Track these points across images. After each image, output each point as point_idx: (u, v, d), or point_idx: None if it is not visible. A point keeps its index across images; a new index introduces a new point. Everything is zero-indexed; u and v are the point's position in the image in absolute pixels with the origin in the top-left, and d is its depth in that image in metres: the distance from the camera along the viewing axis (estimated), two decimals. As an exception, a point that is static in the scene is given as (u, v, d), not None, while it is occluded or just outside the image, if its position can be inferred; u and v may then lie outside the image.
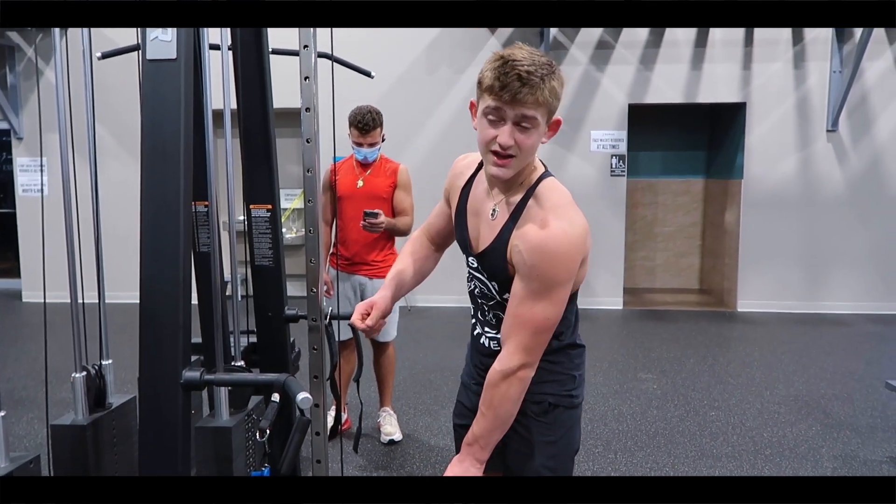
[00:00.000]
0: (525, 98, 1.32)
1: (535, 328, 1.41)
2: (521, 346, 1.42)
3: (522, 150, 1.38)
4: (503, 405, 1.45)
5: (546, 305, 1.40)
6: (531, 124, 1.36)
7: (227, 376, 1.55)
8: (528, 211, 1.44)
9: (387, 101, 6.70)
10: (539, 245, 1.38)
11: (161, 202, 1.42)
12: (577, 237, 1.40)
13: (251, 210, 2.11)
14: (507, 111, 1.35)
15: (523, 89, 1.32)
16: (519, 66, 1.32)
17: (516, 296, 1.43)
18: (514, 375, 1.42)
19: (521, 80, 1.31)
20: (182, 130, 1.44)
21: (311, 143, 1.70)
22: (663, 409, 4.00)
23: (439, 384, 4.42)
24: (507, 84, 1.32)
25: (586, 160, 6.66)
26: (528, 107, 1.34)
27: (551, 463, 1.56)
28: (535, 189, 1.46)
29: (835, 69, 6.34)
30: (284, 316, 2.15)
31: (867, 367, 4.82)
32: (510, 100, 1.33)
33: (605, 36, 6.55)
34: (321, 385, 1.84)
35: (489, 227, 1.51)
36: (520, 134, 1.36)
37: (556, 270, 1.38)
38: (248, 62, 2.01)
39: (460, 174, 1.65)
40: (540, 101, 1.34)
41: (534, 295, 1.40)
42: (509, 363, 1.43)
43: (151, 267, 1.44)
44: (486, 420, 1.46)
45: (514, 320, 1.43)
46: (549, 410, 1.55)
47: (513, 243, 1.43)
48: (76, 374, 1.72)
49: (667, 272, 7.92)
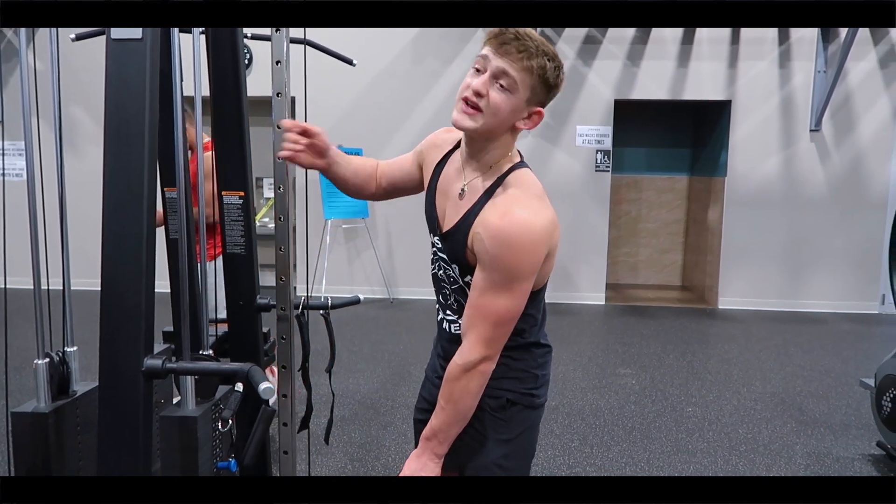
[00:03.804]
0: (510, 51, 1.32)
1: (497, 320, 1.38)
2: (482, 339, 1.39)
3: (491, 107, 1.35)
4: (463, 399, 1.42)
5: (508, 297, 1.37)
6: (508, 86, 1.34)
7: (190, 365, 1.52)
8: (494, 198, 1.41)
9: (372, 92, 6.68)
10: (500, 234, 1.34)
11: (124, 185, 1.39)
12: (540, 229, 1.36)
13: (223, 197, 2.07)
14: (491, 61, 1.34)
15: (513, 43, 1.32)
16: (522, 31, 1.34)
17: (477, 287, 1.40)
18: (476, 369, 1.39)
19: (517, 36, 1.33)
20: (147, 111, 1.40)
21: (281, 129, 1.66)
22: (641, 405, 4.01)
23: (418, 376, 4.39)
24: (502, 34, 1.33)
25: (571, 155, 6.66)
26: (510, 62, 1.32)
27: (505, 462, 1.51)
28: (506, 177, 1.43)
29: (819, 69, 6.38)
30: (256, 305, 2.12)
31: (843, 366, 4.86)
32: (497, 47, 1.33)
33: (592, 31, 6.54)
34: (289, 375, 1.82)
35: (455, 207, 1.48)
36: (494, 91, 1.35)
37: (519, 261, 1.35)
38: (221, 46, 1.97)
39: (438, 146, 1.61)
40: (525, 66, 1.32)
41: (495, 286, 1.37)
42: (470, 356, 1.39)
43: (113, 251, 1.41)
44: (445, 414, 1.43)
45: (475, 312, 1.40)
46: (506, 407, 1.51)
47: (475, 230, 1.40)
48: (38, 361, 1.68)
49: (649, 268, 7.95)
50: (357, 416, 3.72)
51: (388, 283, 6.81)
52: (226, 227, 2.09)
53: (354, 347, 5.02)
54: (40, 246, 1.71)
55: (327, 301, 2.05)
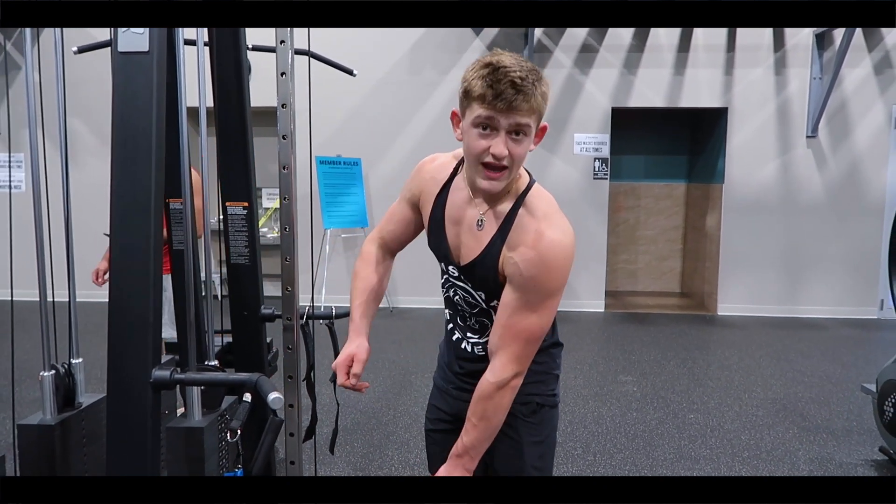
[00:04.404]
0: (520, 106, 1.28)
1: (528, 338, 1.40)
2: (515, 357, 1.40)
3: (515, 161, 1.35)
4: (496, 415, 1.44)
5: (539, 315, 1.39)
6: (524, 132, 1.33)
7: (198, 375, 1.52)
8: (519, 220, 1.41)
9: (370, 102, 6.70)
10: (538, 257, 1.36)
11: (132, 198, 1.40)
12: (570, 246, 1.39)
13: (227, 207, 2.08)
14: (501, 120, 1.30)
15: (518, 97, 1.27)
16: (511, 72, 1.27)
17: (508, 306, 1.40)
18: (508, 385, 1.41)
19: (515, 87, 1.27)
20: (154, 124, 1.41)
21: (286, 139, 1.68)
22: (643, 412, 4.01)
23: (419, 386, 4.40)
24: (502, 92, 1.27)
25: (569, 163, 6.68)
26: (522, 114, 1.30)
27: (539, 463, 1.57)
28: (525, 198, 1.43)
29: (815, 76, 6.42)
30: (260, 315, 2.13)
31: (843, 371, 4.87)
32: (505, 108, 1.28)
33: (588, 39, 6.58)
34: (296, 385, 1.82)
35: (475, 237, 1.46)
36: (513, 144, 1.33)
37: (554, 281, 1.37)
38: (224, 58, 1.99)
39: (432, 179, 1.57)
40: (534, 107, 1.31)
41: (529, 305, 1.38)
42: (503, 374, 1.41)
43: (121, 263, 1.41)
44: (478, 431, 1.44)
45: (507, 331, 1.40)
46: (536, 411, 1.56)
47: (506, 255, 1.40)
48: (44, 373, 1.69)
49: (648, 275, 7.96)
50: (359, 426, 3.71)
51: (388, 292, 6.81)
52: (230, 237, 2.10)
53: (355, 357, 5.01)
54: (45, 257, 1.72)
55: (331, 311, 2.06)
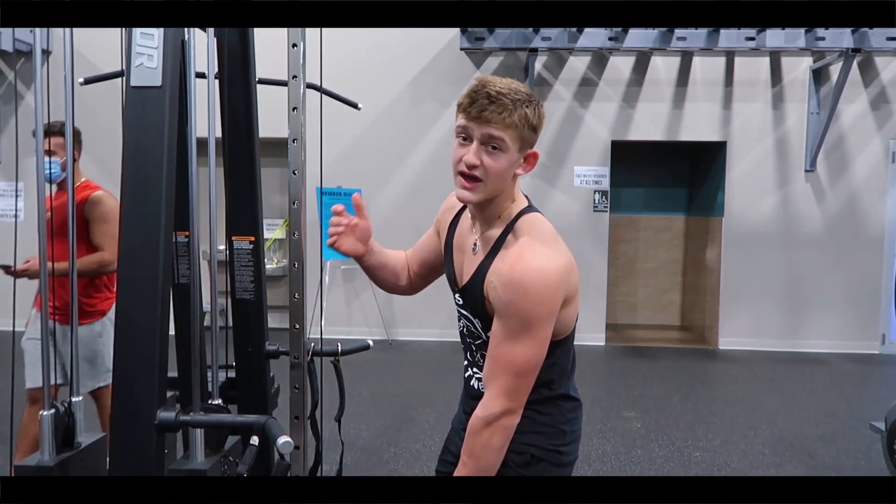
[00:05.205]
0: (491, 116, 1.31)
1: (517, 370, 1.34)
2: (503, 391, 1.34)
3: (489, 174, 1.35)
4: (485, 455, 1.36)
5: (526, 345, 1.33)
6: (499, 146, 1.34)
7: (205, 417, 1.48)
8: (506, 245, 1.40)
9: (371, 133, 6.72)
10: (513, 280, 1.32)
11: (141, 234, 1.37)
12: (554, 272, 1.33)
13: (233, 242, 2.05)
14: (474, 129, 1.33)
15: (490, 107, 1.30)
16: (491, 86, 1.32)
17: (495, 336, 1.37)
18: (497, 423, 1.35)
19: (490, 98, 1.31)
20: (165, 160, 1.39)
21: (297, 174, 1.65)
22: (647, 449, 3.94)
23: (421, 421, 4.33)
24: (476, 101, 1.32)
25: (570, 195, 6.69)
26: (494, 126, 1.32)
27: None
28: (515, 224, 1.42)
29: (812, 110, 6.47)
30: (265, 352, 2.08)
31: (849, 407, 4.82)
32: (476, 116, 1.32)
33: (588, 73, 6.64)
34: (302, 426, 1.77)
35: (470, 261, 1.48)
36: (486, 156, 1.34)
37: (534, 307, 1.32)
38: (234, 91, 1.97)
39: (451, 208, 1.62)
40: (507, 122, 1.31)
41: (512, 334, 1.33)
42: (491, 409, 1.35)
43: (128, 301, 1.38)
44: (467, 469, 1.37)
45: (495, 362, 1.36)
46: (531, 463, 1.44)
47: (488, 279, 1.39)
48: (44, 412, 1.63)
49: (648, 308, 7.93)
50: (360, 464, 3.63)
51: (386, 325, 6.76)
52: (235, 272, 2.06)
53: (355, 391, 4.94)
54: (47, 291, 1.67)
55: (337, 347, 2.02)
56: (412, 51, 6.65)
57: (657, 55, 6.54)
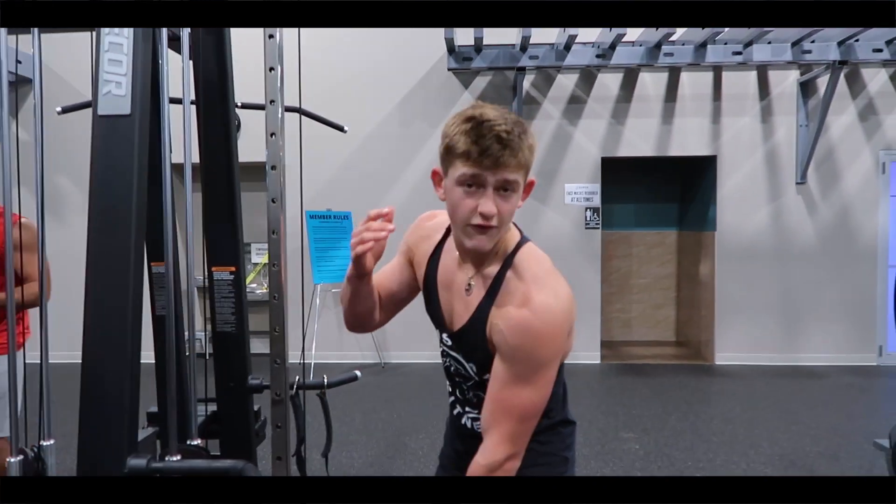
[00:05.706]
0: (507, 161, 1.21)
1: (521, 415, 1.27)
2: (507, 436, 1.26)
3: (504, 218, 1.27)
4: None
5: (532, 389, 1.26)
6: (513, 189, 1.26)
7: (178, 464, 1.39)
8: (506, 284, 1.31)
9: (359, 155, 6.68)
10: (522, 324, 1.24)
11: (108, 272, 1.30)
12: (562, 311, 1.26)
13: (213, 272, 1.98)
14: (489, 177, 1.23)
15: (505, 152, 1.20)
16: (496, 126, 1.20)
17: (498, 379, 1.28)
18: (500, 469, 1.27)
19: (502, 142, 1.20)
20: (135, 193, 1.33)
21: (276, 202, 1.59)
22: (647, 471, 3.85)
23: (415, 448, 4.23)
24: (487, 148, 1.20)
25: (561, 213, 6.65)
26: (510, 170, 1.23)
27: None
28: (513, 259, 1.33)
29: (801, 123, 6.47)
30: (248, 386, 2.00)
31: (849, 422, 4.74)
32: (492, 165, 1.21)
33: (576, 90, 6.63)
34: (286, 467, 1.69)
35: (464, 303, 1.37)
36: (501, 201, 1.25)
37: (543, 350, 1.25)
38: (212, 117, 1.91)
39: (427, 237, 1.50)
40: (521, 162, 1.24)
41: (518, 378, 1.25)
42: (494, 456, 1.27)
43: (95, 345, 1.30)
44: None
45: (497, 406, 1.28)
46: None
47: (492, 321, 1.30)
48: (11, 459, 1.55)
49: (643, 324, 7.86)
50: (352, 494, 3.53)
51: (378, 348, 6.66)
52: (216, 304, 1.99)
53: (346, 417, 4.84)
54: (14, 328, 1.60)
55: (323, 380, 1.94)
56: (399, 73, 6.63)
57: (645, 71, 6.54)
